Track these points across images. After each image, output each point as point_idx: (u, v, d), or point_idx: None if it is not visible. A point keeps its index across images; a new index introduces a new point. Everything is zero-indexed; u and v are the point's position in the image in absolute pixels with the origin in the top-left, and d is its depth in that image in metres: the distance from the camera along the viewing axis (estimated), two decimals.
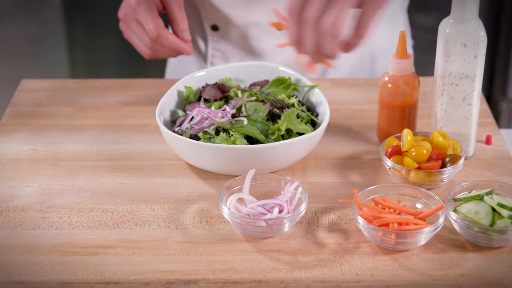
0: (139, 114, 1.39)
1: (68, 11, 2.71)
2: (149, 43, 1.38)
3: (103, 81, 1.51)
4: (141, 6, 1.37)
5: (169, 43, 1.38)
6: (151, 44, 1.38)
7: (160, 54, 1.42)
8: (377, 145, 1.30)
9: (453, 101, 1.21)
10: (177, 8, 1.40)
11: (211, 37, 1.54)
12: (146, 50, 1.40)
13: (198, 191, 1.19)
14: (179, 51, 1.40)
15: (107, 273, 1.02)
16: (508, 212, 1.05)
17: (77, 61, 2.78)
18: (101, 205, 1.16)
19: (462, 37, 1.16)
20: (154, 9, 1.37)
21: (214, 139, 1.19)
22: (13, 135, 1.34)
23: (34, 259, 1.05)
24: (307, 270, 1.03)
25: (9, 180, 1.22)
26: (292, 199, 1.12)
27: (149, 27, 1.36)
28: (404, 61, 1.23)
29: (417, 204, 1.12)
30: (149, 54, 1.40)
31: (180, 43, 1.40)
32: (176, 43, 1.39)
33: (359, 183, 1.20)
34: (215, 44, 1.55)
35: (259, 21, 1.49)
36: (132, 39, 1.41)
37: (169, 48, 1.40)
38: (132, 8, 1.37)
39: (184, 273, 1.02)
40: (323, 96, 1.29)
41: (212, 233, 1.10)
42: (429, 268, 1.03)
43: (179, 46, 1.40)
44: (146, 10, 1.36)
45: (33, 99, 1.45)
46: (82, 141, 1.32)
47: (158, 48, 1.40)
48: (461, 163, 1.17)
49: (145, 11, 1.36)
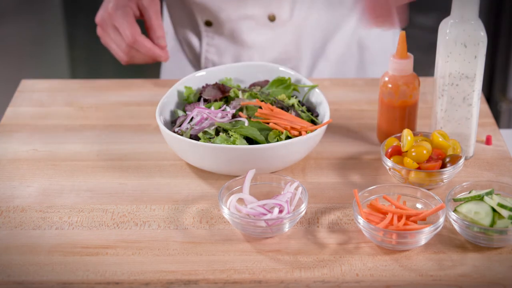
0: (139, 114, 1.39)
1: (68, 11, 2.71)
2: (125, 49, 1.40)
3: (103, 81, 1.51)
4: (117, 12, 1.38)
5: (145, 50, 1.40)
6: (127, 50, 1.40)
7: (137, 60, 1.44)
8: (377, 145, 1.30)
9: (453, 101, 1.21)
10: (154, 15, 1.42)
11: (205, 33, 1.55)
12: (122, 55, 1.42)
13: (198, 191, 1.19)
14: (155, 57, 1.43)
15: (107, 273, 1.02)
16: (508, 212, 1.05)
17: (77, 61, 2.78)
18: (101, 205, 1.16)
19: (462, 37, 1.16)
20: (131, 15, 1.39)
21: (214, 140, 1.19)
22: (13, 135, 1.34)
23: (34, 259, 1.05)
24: (307, 270, 1.03)
25: (9, 180, 1.22)
26: (292, 199, 1.12)
27: (126, 33, 1.38)
28: (404, 61, 1.23)
29: (417, 204, 1.12)
30: (125, 59, 1.43)
31: (156, 50, 1.42)
32: (152, 49, 1.41)
33: (359, 183, 1.20)
34: (209, 40, 1.55)
35: (251, 14, 1.50)
36: (109, 44, 1.43)
37: (145, 54, 1.42)
38: (109, 14, 1.39)
39: (184, 273, 1.02)
40: (323, 96, 1.29)
41: (212, 233, 1.10)
42: (429, 268, 1.03)
43: (155, 53, 1.42)
44: (123, 16, 1.38)
45: (33, 99, 1.45)
46: (82, 141, 1.32)
47: (135, 54, 1.42)
48: (461, 163, 1.17)
49: (121, 17, 1.38)
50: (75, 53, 2.76)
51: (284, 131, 1.20)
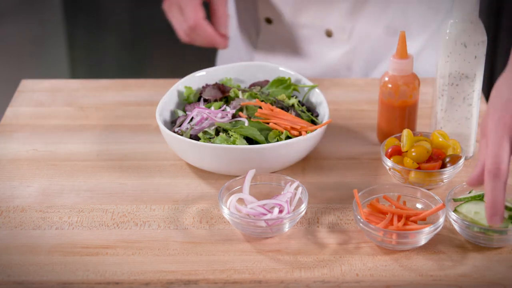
0: (139, 114, 1.39)
1: (68, 11, 2.71)
2: (186, 30, 1.40)
3: (103, 81, 1.51)
4: None
5: (206, 35, 1.40)
6: (188, 32, 1.41)
7: (196, 42, 1.44)
8: (377, 145, 1.30)
9: (453, 101, 1.21)
10: (220, 2, 1.41)
11: (263, 29, 1.55)
12: (183, 35, 1.42)
13: (198, 191, 1.19)
14: (215, 44, 1.42)
15: (107, 273, 1.02)
16: (508, 212, 1.05)
17: (77, 61, 2.78)
18: (101, 205, 1.16)
19: (462, 37, 1.16)
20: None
21: (214, 140, 1.19)
22: (13, 135, 1.34)
23: (34, 259, 1.05)
24: (307, 270, 1.03)
25: (9, 180, 1.22)
26: (292, 199, 1.12)
27: (189, 16, 1.38)
28: (404, 61, 1.23)
29: (417, 204, 1.12)
30: (186, 39, 1.43)
31: (217, 37, 1.42)
32: (213, 36, 1.41)
33: (359, 183, 1.20)
34: (266, 36, 1.55)
35: (308, 24, 1.50)
36: (172, 21, 1.43)
37: (205, 39, 1.41)
38: None
39: (184, 273, 1.02)
40: (323, 96, 1.29)
41: (212, 233, 1.10)
42: (429, 268, 1.03)
43: (215, 39, 1.42)
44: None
45: (33, 99, 1.45)
46: (82, 141, 1.32)
47: (195, 36, 1.42)
48: (461, 163, 1.17)
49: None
50: (75, 53, 2.76)
51: (284, 131, 1.20)
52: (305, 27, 1.51)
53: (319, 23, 1.50)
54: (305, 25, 1.51)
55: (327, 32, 1.50)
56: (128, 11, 2.76)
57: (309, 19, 1.50)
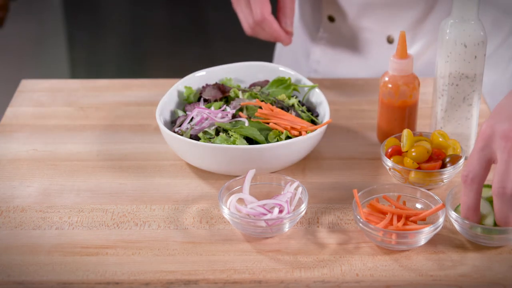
0: (139, 114, 1.39)
1: (68, 11, 2.71)
2: (252, 24, 1.41)
3: (103, 81, 1.51)
4: None
5: (271, 30, 1.41)
6: (254, 25, 1.41)
7: (260, 36, 1.44)
8: (377, 145, 1.30)
9: (453, 102, 1.21)
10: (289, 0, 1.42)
11: (325, 26, 1.56)
12: (248, 28, 1.43)
13: (198, 191, 1.19)
14: (278, 39, 1.42)
15: (107, 273, 1.02)
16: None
17: (77, 61, 2.79)
18: (101, 205, 1.16)
19: (462, 37, 1.16)
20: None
21: (214, 140, 1.19)
22: (13, 135, 1.34)
23: (34, 259, 1.05)
24: (307, 270, 1.03)
25: (9, 180, 1.22)
26: (292, 199, 1.12)
27: (256, 10, 1.39)
28: (404, 61, 1.23)
29: (417, 204, 1.12)
30: (250, 32, 1.44)
31: (281, 33, 1.42)
32: (278, 32, 1.42)
33: (359, 183, 1.20)
34: (326, 34, 1.56)
35: (371, 27, 1.50)
36: (239, 14, 1.44)
37: (269, 34, 1.42)
38: None
39: (184, 273, 1.02)
40: (323, 96, 1.29)
41: (212, 233, 1.10)
42: (429, 268, 1.03)
43: (280, 35, 1.42)
44: None
45: (33, 99, 1.45)
46: (82, 141, 1.32)
47: (260, 31, 1.42)
48: (461, 164, 1.17)
49: None
50: (75, 53, 2.77)
51: (284, 131, 1.20)
52: (367, 30, 1.51)
53: (382, 28, 1.50)
54: (368, 28, 1.51)
55: (388, 38, 1.51)
56: (128, 11, 2.76)
57: (372, 22, 1.50)
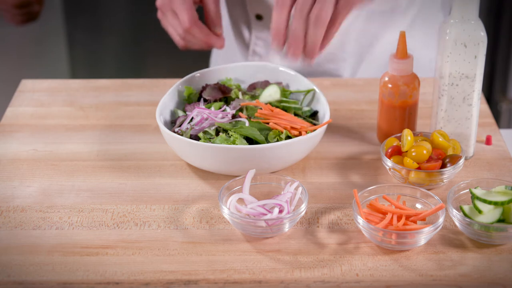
0: (139, 114, 1.39)
1: (68, 11, 2.71)
2: (182, 34, 1.41)
3: (103, 81, 1.51)
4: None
5: (201, 36, 1.41)
6: (184, 35, 1.41)
7: (193, 45, 1.45)
8: (377, 145, 1.30)
9: (453, 101, 1.21)
10: (212, 2, 1.42)
11: (254, 26, 1.56)
12: (179, 40, 1.43)
13: (198, 191, 1.19)
14: (211, 44, 1.43)
15: (107, 273, 1.02)
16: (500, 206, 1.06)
17: (77, 61, 2.78)
18: (101, 205, 1.16)
19: (462, 37, 1.16)
20: (189, 1, 1.40)
21: (214, 140, 1.19)
22: (13, 135, 1.34)
23: (34, 259, 1.05)
24: (307, 270, 1.03)
25: (9, 180, 1.22)
26: (292, 199, 1.12)
27: (183, 19, 1.39)
28: (404, 61, 1.23)
29: (417, 204, 1.12)
30: (182, 44, 1.44)
31: (212, 37, 1.43)
32: (208, 36, 1.42)
33: (359, 183, 1.20)
34: (258, 33, 1.57)
35: None
36: (167, 28, 1.44)
37: (201, 41, 1.42)
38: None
39: (184, 273, 1.02)
40: (323, 96, 1.29)
41: (212, 233, 1.10)
42: (429, 268, 1.03)
43: (210, 40, 1.43)
44: (182, 1, 1.39)
45: (33, 99, 1.45)
46: (82, 141, 1.32)
47: (191, 39, 1.42)
48: (461, 163, 1.17)
49: (180, 2, 1.39)
50: (75, 53, 2.76)
51: (284, 131, 1.20)
52: None
53: None
54: None
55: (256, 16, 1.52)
56: (128, 12, 2.76)
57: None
